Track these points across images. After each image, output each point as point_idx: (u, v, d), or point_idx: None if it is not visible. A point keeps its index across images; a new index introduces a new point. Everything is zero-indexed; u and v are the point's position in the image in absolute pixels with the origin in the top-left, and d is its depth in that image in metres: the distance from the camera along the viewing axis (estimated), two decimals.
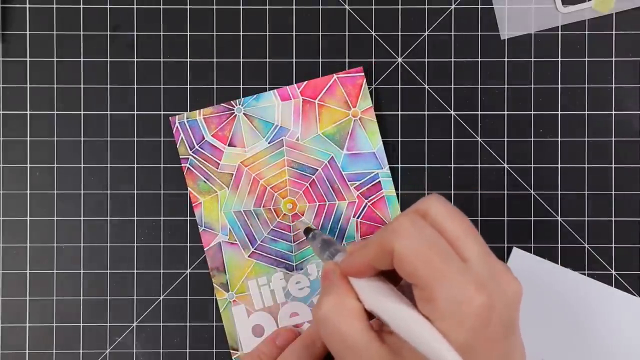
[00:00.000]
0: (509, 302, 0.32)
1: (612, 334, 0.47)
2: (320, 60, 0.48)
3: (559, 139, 0.48)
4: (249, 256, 0.48)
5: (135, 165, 0.48)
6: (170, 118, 0.48)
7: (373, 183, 0.47)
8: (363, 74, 0.47)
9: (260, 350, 0.45)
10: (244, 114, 0.47)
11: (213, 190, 0.47)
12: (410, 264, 0.32)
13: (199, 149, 0.47)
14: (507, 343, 0.32)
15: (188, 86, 0.48)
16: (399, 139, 0.48)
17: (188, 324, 0.48)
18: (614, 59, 0.48)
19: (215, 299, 0.47)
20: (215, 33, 0.48)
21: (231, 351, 0.47)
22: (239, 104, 0.47)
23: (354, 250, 0.36)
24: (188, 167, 0.47)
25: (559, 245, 0.48)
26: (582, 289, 0.47)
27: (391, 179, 0.47)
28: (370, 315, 0.35)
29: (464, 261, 0.32)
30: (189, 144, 0.47)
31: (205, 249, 0.47)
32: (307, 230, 0.45)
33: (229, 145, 0.47)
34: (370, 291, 0.35)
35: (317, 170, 0.47)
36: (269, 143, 0.48)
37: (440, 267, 0.31)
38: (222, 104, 0.48)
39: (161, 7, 0.48)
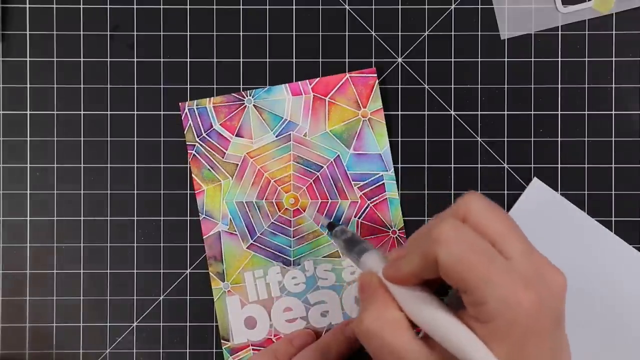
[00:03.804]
0: (555, 295, 0.32)
1: (612, 285, 0.47)
2: (320, 60, 0.48)
3: (559, 139, 0.48)
4: (247, 247, 0.48)
5: (135, 165, 0.48)
6: (180, 103, 0.48)
7: (377, 185, 0.47)
8: (376, 75, 0.47)
9: (276, 348, 0.45)
10: (253, 105, 0.48)
11: (217, 179, 0.47)
12: (456, 271, 0.32)
13: (206, 137, 0.48)
14: (556, 337, 0.33)
15: (188, 86, 0.48)
16: (399, 139, 0.48)
17: (188, 324, 0.48)
18: (614, 59, 0.48)
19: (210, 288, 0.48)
20: (215, 33, 0.48)
21: (222, 341, 0.47)
22: (250, 95, 0.48)
23: (396, 258, 0.36)
24: (194, 154, 0.48)
25: None
26: (593, 235, 0.47)
27: (395, 182, 0.47)
28: (413, 324, 0.35)
29: (508, 259, 0.32)
30: (196, 130, 0.48)
31: (204, 237, 0.47)
32: (331, 226, 0.45)
33: (236, 136, 0.48)
34: (413, 301, 0.34)
35: (322, 167, 0.47)
36: (276, 136, 0.48)
37: (486, 270, 0.31)
38: (232, 94, 0.48)
39: (161, 7, 0.48)
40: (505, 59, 0.48)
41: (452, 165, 0.48)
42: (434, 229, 0.33)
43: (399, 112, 0.48)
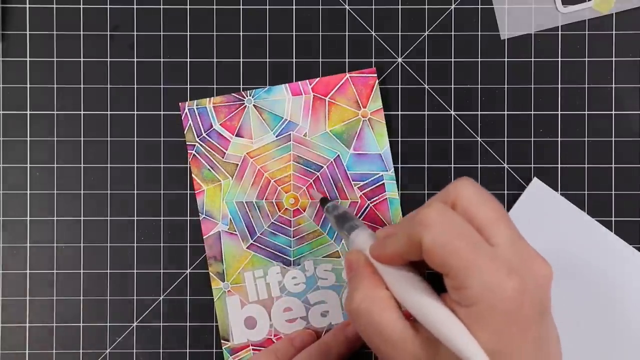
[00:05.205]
0: (540, 285, 0.33)
1: (612, 285, 0.47)
2: (320, 60, 0.48)
3: (559, 139, 0.48)
4: (247, 247, 0.48)
5: (135, 165, 0.48)
6: (180, 103, 0.48)
7: (377, 185, 0.47)
8: (376, 75, 0.47)
9: (276, 349, 0.45)
10: (253, 105, 0.48)
11: (217, 179, 0.47)
12: (439, 256, 0.32)
13: (206, 137, 0.48)
14: (540, 327, 0.33)
15: (188, 86, 0.48)
16: (399, 139, 0.48)
17: (188, 324, 0.48)
18: (614, 59, 0.48)
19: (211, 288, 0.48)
20: (215, 33, 0.48)
21: (222, 341, 0.47)
22: (250, 95, 0.48)
23: (384, 237, 0.36)
24: (194, 154, 0.48)
25: None
26: (593, 235, 0.47)
27: (395, 182, 0.47)
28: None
29: (494, 247, 0.32)
30: (196, 130, 0.48)
31: (204, 237, 0.47)
32: (324, 201, 0.45)
33: (236, 136, 0.48)
34: (398, 281, 0.35)
35: (323, 167, 0.48)
36: (276, 136, 0.48)
37: (469, 256, 0.31)
38: (232, 94, 0.48)
39: (161, 7, 0.48)
40: (505, 59, 0.48)
41: (452, 165, 0.48)
42: (420, 212, 0.33)
43: (399, 112, 0.48)
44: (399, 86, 0.48)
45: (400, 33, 0.48)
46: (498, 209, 0.34)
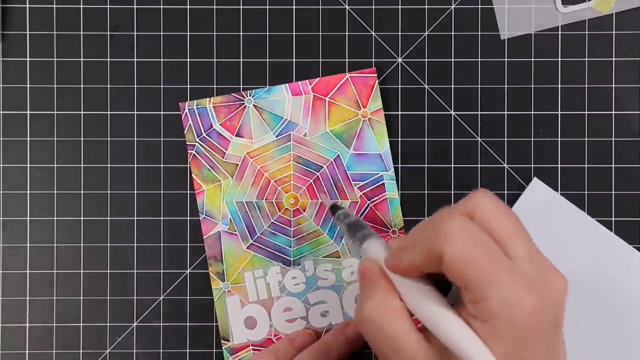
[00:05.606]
0: (556, 300, 0.32)
1: (612, 288, 0.47)
2: (320, 60, 0.48)
3: (559, 139, 0.48)
4: (247, 247, 0.48)
5: (135, 165, 0.48)
6: (180, 103, 0.48)
7: (377, 184, 0.47)
8: (376, 75, 0.47)
9: (276, 349, 0.45)
10: (253, 105, 0.48)
11: (217, 179, 0.47)
12: (459, 269, 0.32)
13: (206, 137, 0.48)
14: (554, 340, 0.33)
15: (188, 86, 0.48)
16: (399, 139, 0.48)
17: (188, 324, 0.48)
18: (614, 59, 0.48)
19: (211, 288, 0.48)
20: (215, 33, 0.48)
21: (222, 341, 0.47)
22: (250, 95, 0.48)
23: (399, 248, 0.36)
24: (194, 154, 0.48)
25: None
26: (593, 235, 0.47)
27: (395, 182, 0.47)
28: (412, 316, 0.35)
29: (512, 260, 0.32)
30: (196, 130, 0.48)
31: (204, 237, 0.47)
32: (334, 208, 0.45)
33: (236, 136, 0.48)
34: (413, 292, 0.34)
35: (323, 167, 0.48)
36: (276, 136, 0.48)
37: (490, 270, 0.31)
38: (232, 94, 0.48)
39: (161, 7, 0.48)
40: (505, 59, 0.48)
41: (452, 165, 0.48)
42: (442, 225, 0.33)
43: (399, 112, 0.48)
44: (399, 86, 0.48)
45: (400, 33, 0.48)
46: (516, 222, 0.34)
